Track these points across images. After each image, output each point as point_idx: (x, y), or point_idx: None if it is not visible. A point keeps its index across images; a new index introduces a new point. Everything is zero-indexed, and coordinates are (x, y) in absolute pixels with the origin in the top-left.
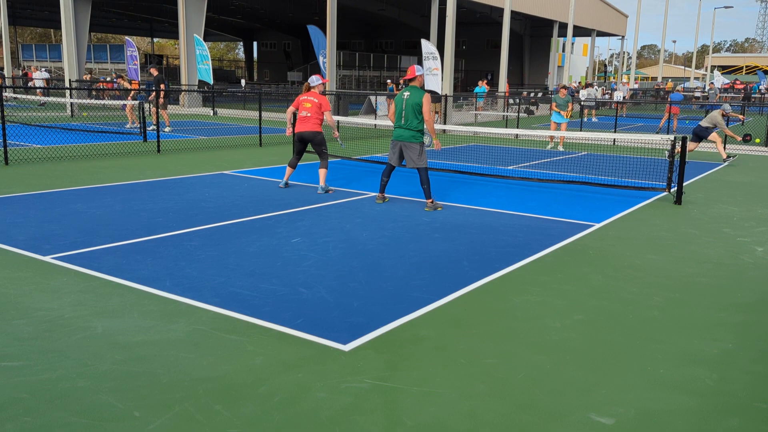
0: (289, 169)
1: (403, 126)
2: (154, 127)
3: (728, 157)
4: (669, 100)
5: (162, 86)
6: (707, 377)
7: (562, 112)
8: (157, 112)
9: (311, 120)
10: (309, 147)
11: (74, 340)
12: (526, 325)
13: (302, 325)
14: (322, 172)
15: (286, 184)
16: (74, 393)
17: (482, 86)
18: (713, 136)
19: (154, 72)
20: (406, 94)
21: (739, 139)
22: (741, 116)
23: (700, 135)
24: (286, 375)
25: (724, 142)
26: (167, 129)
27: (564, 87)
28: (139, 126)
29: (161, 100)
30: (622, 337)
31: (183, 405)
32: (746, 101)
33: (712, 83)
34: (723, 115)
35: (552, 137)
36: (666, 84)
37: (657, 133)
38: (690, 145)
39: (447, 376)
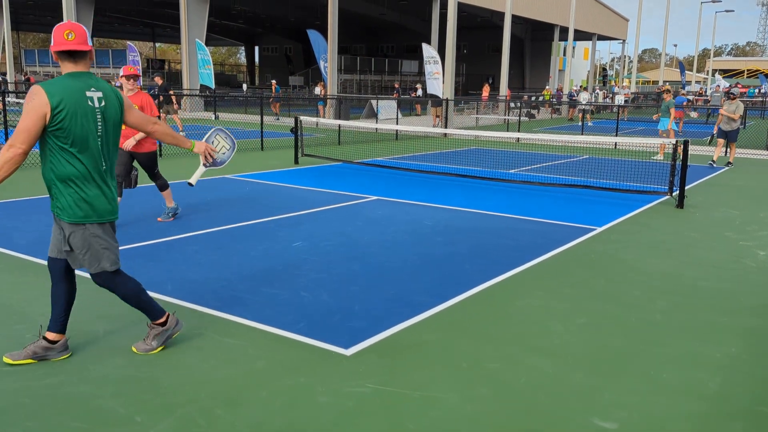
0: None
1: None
2: None
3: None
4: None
5: (171, 92)
6: (710, 381)
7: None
8: (161, 118)
9: None
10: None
11: (76, 344)
12: (529, 329)
13: (304, 329)
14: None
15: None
16: (76, 398)
17: None
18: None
19: (159, 80)
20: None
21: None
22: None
23: None
24: (287, 379)
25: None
26: (181, 134)
27: (668, 91)
28: None
29: (175, 106)
30: (624, 341)
31: (184, 409)
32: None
33: (717, 86)
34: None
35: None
36: (663, 87)
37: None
38: None
39: (449, 380)
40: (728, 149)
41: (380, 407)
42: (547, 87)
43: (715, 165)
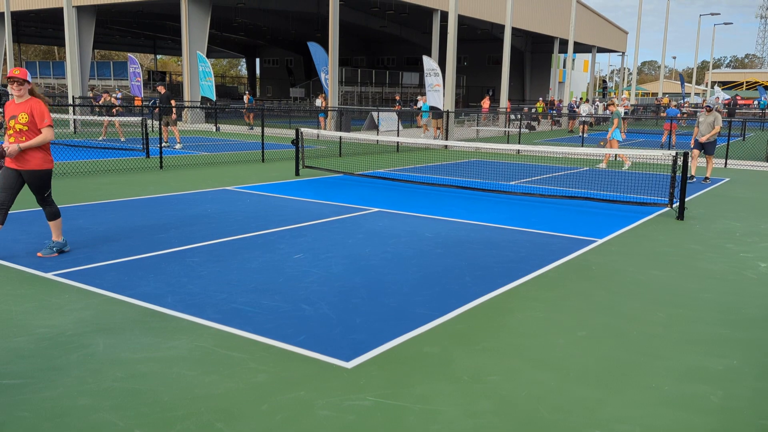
0: None
1: None
2: (167, 144)
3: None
4: (665, 115)
5: (173, 102)
6: (712, 394)
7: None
8: (160, 129)
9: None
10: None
11: (75, 357)
12: (530, 342)
13: (304, 342)
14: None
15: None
16: (75, 411)
17: (425, 102)
18: None
19: (162, 90)
20: None
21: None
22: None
23: None
24: (288, 393)
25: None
26: (178, 146)
27: (613, 103)
28: (104, 140)
29: (173, 117)
30: (626, 354)
31: (184, 423)
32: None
33: (717, 98)
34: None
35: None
36: (662, 99)
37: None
38: None
39: (450, 393)
40: (706, 163)
41: (381, 420)
42: (540, 99)
43: (694, 179)
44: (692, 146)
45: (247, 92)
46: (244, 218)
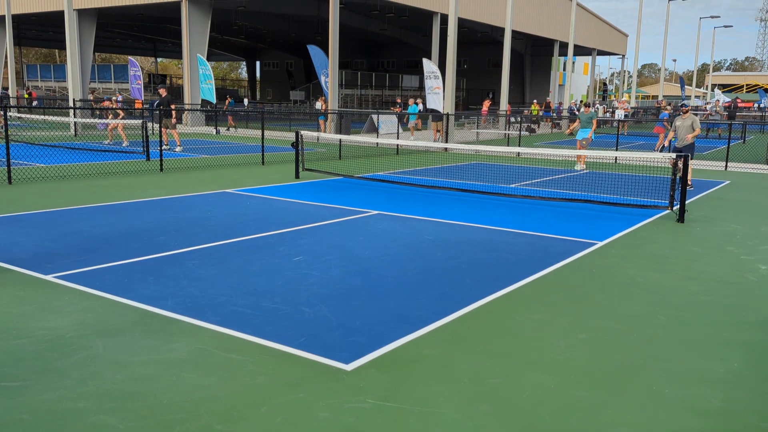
0: None
1: None
2: (167, 147)
3: None
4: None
5: (173, 106)
6: (713, 397)
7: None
8: (160, 132)
9: None
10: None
11: (75, 359)
12: (530, 344)
13: (304, 344)
14: None
15: None
16: (75, 413)
17: (414, 104)
18: None
19: (163, 92)
20: None
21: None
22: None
23: None
24: (288, 395)
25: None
26: (178, 149)
27: (587, 105)
28: (126, 144)
29: (173, 120)
30: (626, 357)
31: (184, 426)
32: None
33: (717, 100)
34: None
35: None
36: (662, 102)
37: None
38: None
39: (450, 395)
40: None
41: (381, 423)
42: (534, 101)
43: (691, 187)
44: (666, 145)
45: (228, 96)
46: (244, 221)
